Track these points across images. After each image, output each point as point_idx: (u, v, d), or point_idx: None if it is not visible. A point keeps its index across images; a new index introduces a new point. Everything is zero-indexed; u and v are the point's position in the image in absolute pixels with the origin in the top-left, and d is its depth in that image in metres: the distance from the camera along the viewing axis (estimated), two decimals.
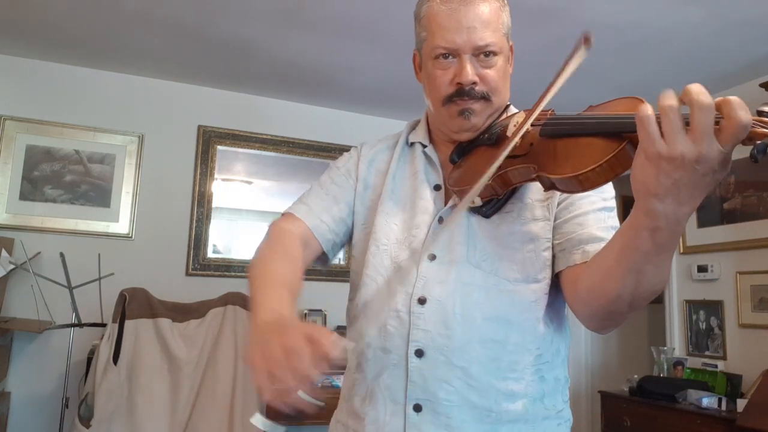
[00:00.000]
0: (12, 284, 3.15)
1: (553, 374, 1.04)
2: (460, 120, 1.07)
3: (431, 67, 1.08)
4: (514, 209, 1.04)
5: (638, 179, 0.73)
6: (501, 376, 0.99)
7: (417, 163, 1.15)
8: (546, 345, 1.03)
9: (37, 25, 2.97)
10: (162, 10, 2.78)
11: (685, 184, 0.70)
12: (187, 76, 3.57)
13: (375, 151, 1.22)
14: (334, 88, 3.65)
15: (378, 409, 1.01)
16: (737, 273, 3.29)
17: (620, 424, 3.38)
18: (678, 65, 3.17)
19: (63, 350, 3.03)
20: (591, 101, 1.06)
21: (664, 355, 3.54)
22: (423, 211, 1.08)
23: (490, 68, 1.05)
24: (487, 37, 1.03)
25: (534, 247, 1.03)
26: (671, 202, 0.71)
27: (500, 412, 0.98)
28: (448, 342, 0.98)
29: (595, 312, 0.93)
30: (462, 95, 1.05)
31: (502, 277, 1.01)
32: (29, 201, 3.32)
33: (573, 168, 0.82)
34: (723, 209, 3.40)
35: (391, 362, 1.01)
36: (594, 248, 0.97)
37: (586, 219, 1.01)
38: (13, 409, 3.13)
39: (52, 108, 3.40)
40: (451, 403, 0.97)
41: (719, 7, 2.58)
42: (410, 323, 1.00)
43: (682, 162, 0.68)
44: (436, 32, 1.05)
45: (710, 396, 3.00)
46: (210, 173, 3.67)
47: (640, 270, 0.81)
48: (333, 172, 1.21)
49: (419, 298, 1.01)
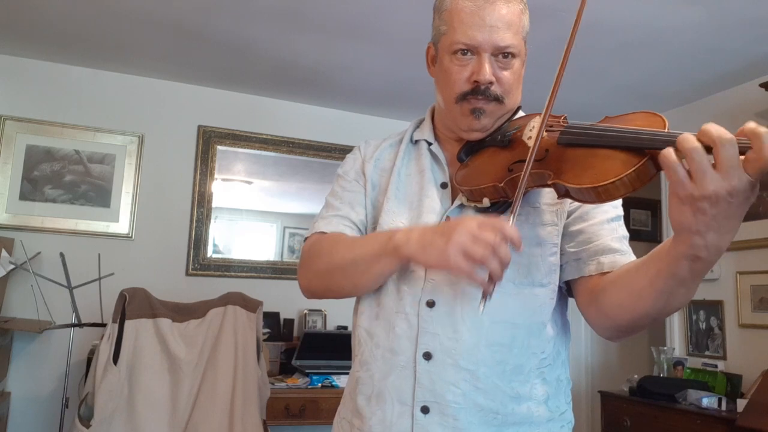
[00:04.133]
0: (12, 284, 3.15)
1: (554, 375, 1.05)
2: (470, 119, 1.07)
3: (448, 61, 1.07)
4: (522, 212, 1.04)
5: (676, 220, 0.74)
6: (507, 378, 1.00)
7: (423, 161, 1.15)
8: (549, 348, 1.04)
9: (37, 25, 2.97)
10: (162, 10, 2.78)
11: (723, 217, 0.71)
12: (187, 76, 3.57)
13: (380, 151, 1.21)
14: (334, 88, 3.65)
15: (386, 409, 1.02)
16: (737, 273, 3.29)
17: (620, 424, 3.38)
18: (678, 65, 3.17)
19: (63, 350, 3.03)
20: (591, 101, 1.06)
21: (664, 355, 3.54)
22: (430, 210, 1.08)
23: (507, 70, 1.05)
24: (508, 39, 1.04)
25: (541, 251, 1.03)
26: (712, 235, 0.73)
27: (506, 415, 0.99)
28: (456, 345, 0.99)
29: (618, 326, 0.95)
30: (477, 94, 1.05)
31: (509, 279, 1.01)
32: (29, 201, 3.32)
33: (592, 179, 0.83)
34: None
35: (399, 364, 1.02)
36: (608, 260, 0.99)
37: (600, 229, 1.02)
38: (13, 409, 3.13)
39: (52, 108, 3.40)
40: (458, 405, 0.98)
41: (719, 7, 2.58)
42: (419, 326, 1.01)
43: (716, 199, 0.69)
44: (458, 27, 1.04)
45: (710, 396, 3.00)
46: (210, 173, 3.67)
47: (672, 293, 0.83)
48: (342, 181, 1.20)
49: (428, 302, 1.01)
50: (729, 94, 3.43)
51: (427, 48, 1.16)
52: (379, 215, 1.12)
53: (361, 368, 1.07)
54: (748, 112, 3.25)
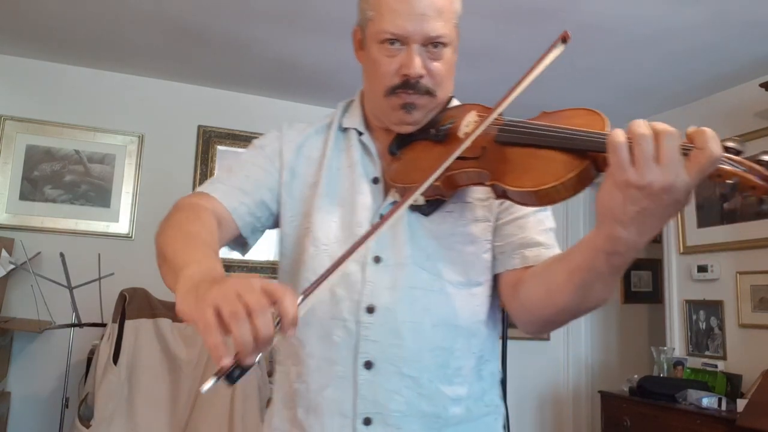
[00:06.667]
0: (12, 284, 3.15)
1: (489, 370, 1.04)
2: (401, 113, 1.00)
3: (376, 51, 0.99)
4: (455, 209, 1.00)
5: (605, 204, 0.73)
6: (448, 381, 0.97)
7: (353, 153, 1.07)
8: (488, 345, 1.03)
9: (37, 25, 2.97)
10: (162, 10, 2.78)
11: (651, 214, 0.71)
12: (187, 76, 3.57)
13: (304, 136, 1.12)
14: (334, 88, 3.65)
15: (324, 423, 0.95)
16: (737, 273, 3.29)
17: (620, 424, 3.38)
18: (678, 65, 3.17)
19: (63, 350, 3.03)
20: (591, 101, 1.05)
21: (664, 355, 3.54)
22: (363, 207, 1.01)
23: (439, 60, 0.98)
24: (439, 28, 0.96)
25: (475, 249, 1.00)
26: (634, 230, 0.72)
27: (447, 418, 0.97)
28: (398, 352, 0.94)
29: (537, 319, 0.94)
30: (407, 88, 0.97)
31: (446, 279, 0.98)
32: (29, 201, 3.32)
33: (533, 182, 0.80)
34: (723, 209, 3.40)
35: (337, 374, 0.95)
36: (532, 253, 0.97)
37: (526, 222, 1.00)
38: (13, 409, 3.13)
39: (52, 108, 3.40)
40: (401, 414, 0.94)
41: (719, 7, 2.58)
42: (358, 334, 0.95)
43: (650, 191, 0.68)
44: (385, 15, 0.96)
45: (710, 396, 3.00)
46: (210, 173, 3.67)
47: (590, 287, 0.83)
48: (255, 153, 1.10)
49: (367, 307, 0.95)
50: (729, 94, 3.43)
51: (353, 31, 1.08)
52: (311, 212, 1.04)
53: (297, 380, 1.00)
54: (748, 112, 3.25)
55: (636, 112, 3.83)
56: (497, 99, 0.90)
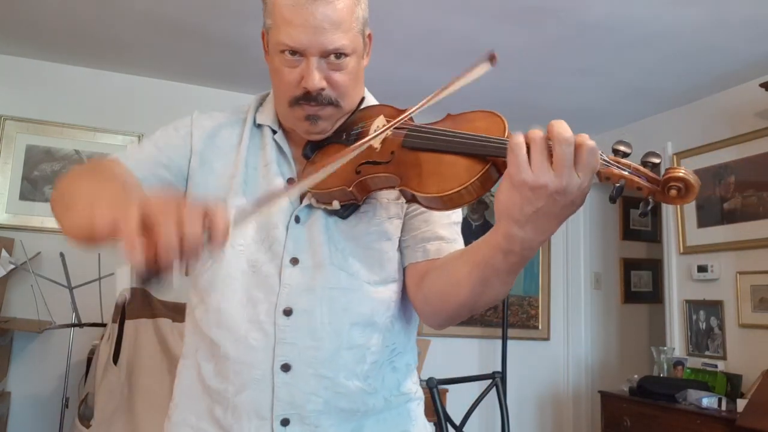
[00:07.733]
0: (12, 284, 3.15)
1: (404, 361, 1.06)
2: (306, 124, 0.99)
3: (278, 61, 0.97)
4: (369, 209, 1.01)
5: (502, 203, 0.76)
6: (364, 376, 0.98)
7: (268, 152, 1.05)
8: (401, 338, 1.05)
9: (37, 25, 2.97)
10: (162, 10, 2.78)
11: (545, 214, 0.73)
12: (187, 76, 3.58)
13: (216, 125, 1.08)
14: None
15: (242, 424, 0.95)
16: (737, 273, 3.29)
17: (620, 424, 3.38)
18: (678, 65, 3.17)
19: (63, 350, 3.03)
20: (591, 101, 1.05)
21: (664, 355, 3.54)
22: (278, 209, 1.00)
23: (341, 71, 0.96)
24: (336, 40, 0.92)
25: (390, 246, 1.01)
26: (530, 229, 0.75)
27: (366, 411, 0.99)
28: (316, 353, 0.95)
29: (438, 313, 0.96)
30: (309, 100, 0.96)
31: (364, 279, 0.99)
32: (29, 201, 3.32)
33: (437, 188, 0.82)
34: (723, 209, 3.40)
35: (254, 377, 0.95)
36: (434, 247, 0.99)
37: (431, 216, 1.01)
38: (13, 409, 3.14)
39: (52, 108, 3.40)
40: (319, 412, 0.95)
41: (719, 7, 2.58)
42: (275, 336, 0.95)
43: (545, 192, 0.71)
44: (281, 26, 0.94)
45: (710, 396, 3.00)
46: None
47: (487, 283, 0.85)
48: (169, 132, 1.09)
49: (284, 309, 0.95)
50: (729, 94, 3.43)
51: (261, 33, 1.05)
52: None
53: (214, 377, 0.99)
54: (748, 112, 3.25)
55: (636, 112, 3.84)
56: (498, 99, 0.90)
